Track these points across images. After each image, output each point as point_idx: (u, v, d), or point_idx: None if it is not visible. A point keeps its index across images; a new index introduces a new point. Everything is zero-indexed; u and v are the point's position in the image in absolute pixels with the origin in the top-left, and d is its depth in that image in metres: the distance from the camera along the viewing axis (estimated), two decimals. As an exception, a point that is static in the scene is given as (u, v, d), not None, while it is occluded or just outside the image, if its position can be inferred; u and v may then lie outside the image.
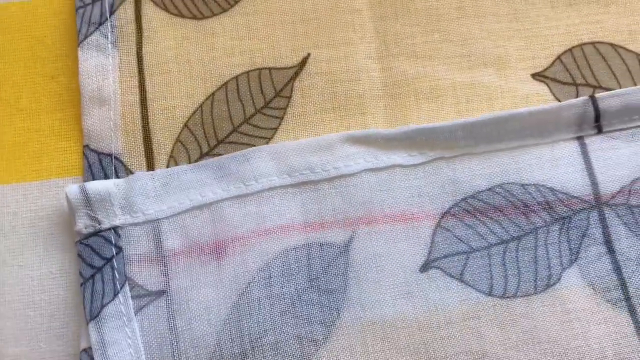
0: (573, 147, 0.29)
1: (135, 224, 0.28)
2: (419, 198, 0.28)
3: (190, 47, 0.30)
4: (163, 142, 0.29)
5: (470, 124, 0.29)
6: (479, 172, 0.29)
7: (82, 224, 0.27)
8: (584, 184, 0.29)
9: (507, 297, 0.27)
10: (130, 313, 0.27)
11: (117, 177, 0.29)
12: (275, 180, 0.28)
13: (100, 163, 0.29)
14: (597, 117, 0.29)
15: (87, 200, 0.27)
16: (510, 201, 0.28)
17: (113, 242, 0.27)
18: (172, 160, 0.29)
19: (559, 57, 0.31)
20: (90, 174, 0.29)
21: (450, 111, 0.30)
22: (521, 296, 0.27)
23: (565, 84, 0.30)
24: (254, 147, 0.29)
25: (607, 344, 0.27)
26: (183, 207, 0.28)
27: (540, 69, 0.31)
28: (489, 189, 0.28)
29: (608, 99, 0.29)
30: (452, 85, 0.30)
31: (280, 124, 0.30)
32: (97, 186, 0.27)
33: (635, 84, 0.30)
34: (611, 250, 0.28)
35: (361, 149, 0.29)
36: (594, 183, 0.29)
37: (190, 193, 0.28)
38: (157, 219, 0.28)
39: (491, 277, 0.27)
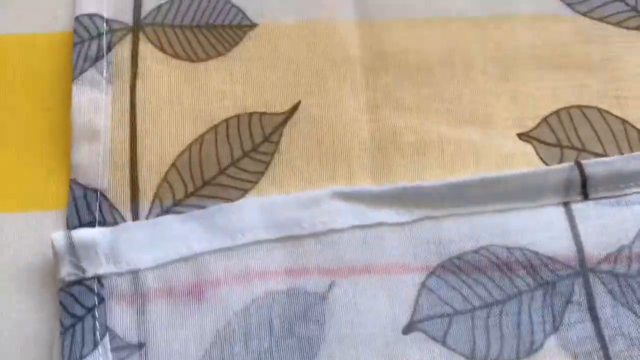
0: (559, 212, 0.29)
1: (119, 274, 0.27)
2: (404, 257, 0.28)
3: (183, 88, 0.31)
4: (149, 180, 0.29)
5: (457, 185, 0.29)
6: (465, 233, 0.28)
7: (66, 272, 0.27)
8: (569, 250, 0.28)
9: None
10: None
11: (101, 212, 0.29)
12: (262, 234, 0.28)
13: (85, 197, 0.29)
14: (584, 184, 0.29)
15: (73, 249, 0.27)
16: (495, 264, 0.28)
17: (96, 291, 0.27)
18: (157, 199, 0.29)
19: (545, 119, 0.31)
20: (75, 208, 0.29)
21: (435, 166, 0.30)
22: None
23: (550, 145, 0.31)
24: (243, 200, 0.29)
25: None
26: (168, 259, 0.28)
27: (526, 129, 0.31)
28: (475, 251, 0.28)
29: (594, 166, 0.29)
30: (438, 141, 0.30)
31: (266, 169, 0.30)
32: (83, 234, 0.27)
33: (619, 149, 0.31)
34: (595, 318, 0.27)
35: (349, 205, 0.29)
36: (580, 249, 0.28)
37: (177, 244, 0.28)
38: (141, 270, 0.27)
39: (474, 342, 0.27)
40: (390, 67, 0.32)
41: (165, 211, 0.29)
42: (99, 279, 0.27)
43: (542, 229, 0.29)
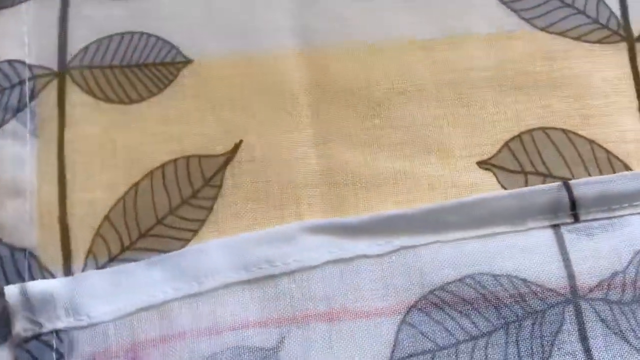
0: (548, 236, 0.27)
1: (79, 328, 0.26)
2: (384, 290, 0.27)
3: (116, 134, 0.29)
4: (82, 236, 0.28)
5: (434, 211, 0.27)
6: (448, 261, 0.27)
7: (21, 327, 0.26)
8: (559, 276, 0.27)
9: None
10: None
11: (30, 273, 0.27)
12: (231, 276, 0.27)
13: (12, 257, 0.27)
14: (573, 205, 0.27)
15: (28, 302, 0.26)
16: (481, 293, 0.26)
17: (54, 347, 0.26)
18: (91, 255, 0.27)
19: (506, 144, 0.29)
20: (1, 268, 0.27)
21: (390, 202, 0.28)
22: None
23: (513, 172, 0.29)
24: (209, 241, 0.27)
25: None
26: (130, 309, 0.26)
27: (487, 157, 0.29)
28: (459, 280, 0.27)
29: (583, 187, 0.27)
30: (392, 175, 0.29)
31: (208, 216, 0.28)
32: (39, 287, 0.26)
33: (587, 171, 0.29)
34: (587, 349, 0.26)
35: (324, 238, 0.27)
36: (571, 275, 0.27)
37: (139, 293, 0.26)
38: (103, 322, 0.26)
39: None
40: (335, 99, 0.30)
41: (101, 268, 0.27)
42: (57, 333, 0.26)
43: (530, 254, 0.27)
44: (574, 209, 0.27)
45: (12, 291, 0.26)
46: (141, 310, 0.26)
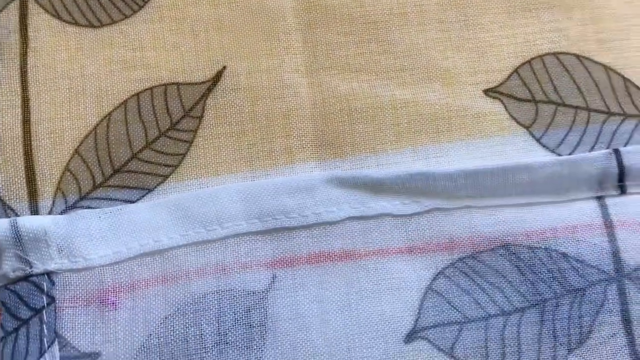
0: (592, 208, 0.26)
1: (73, 270, 0.24)
2: (409, 254, 0.25)
3: (84, 60, 0.26)
4: (49, 172, 0.25)
5: (474, 173, 0.25)
6: (481, 229, 0.25)
7: (10, 267, 0.24)
8: (603, 253, 0.25)
9: None
10: None
11: None
12: (243, 225, 0.25)
13: None
14: (621, 176, 0.25)
15: (19, 239, 0.24)
16: (515, 266, 0.25)
17: (45, 290, 0.24)
18: (60, 193, 0.25)
19: (515, 70, 0.27)
20: None
21: (390, 134, 0.26)
22: None
23: (522, 100, 0.27)
24: (221, 186, 0.25)
25: None
26: (132, 253, 0.24)
27: (494, 84, 0.27)
28: (492, 250, 0.25)
29: (635, 155, 0.25)
30: (391, 103, 0.26)
31: (189, 149, 0.26)
32: (32, 222, 0.24)
33: (603, 100, 0.27)
34: (629, 332, 0.24)
35: (347, 192, 0.25)
36: (615, 251, 0.25)
37: (142, 237, 0.24)
38: (100, 266, 0.24)
39: (487, 355, 0.24)
40: (330, 21, 0.27)
41: (71, 207, 0.25)
42: (49, 275, 0.24)
43: (571, 227, 0.25)
44: (622, 180, 0.26)
45: (2, 225, 0.24)
46: (144, 256, 0.24)
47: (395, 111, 0.26)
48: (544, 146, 0.26)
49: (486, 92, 0.27)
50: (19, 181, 0.25)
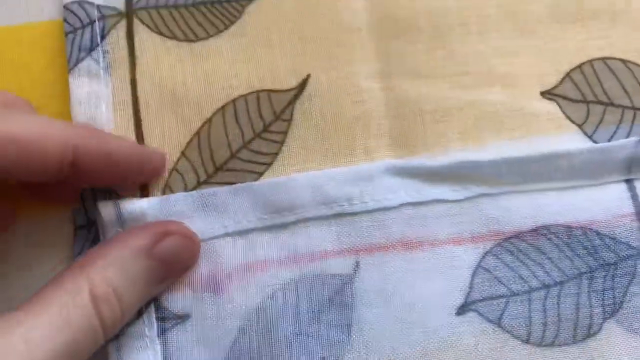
0: (622, 190, 0.28)
1: None
2: (459, 235, 0.27)
3: (185, 71, 0.29)
4: None
5: (517, 160, 0.28)
6: (524, 211, 0.27)
7: None
8: (632, 230, 0.27)
9: (544, 345, 0.26)
10: (154, 335, 0.26)
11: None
12: (311, 211, 0.27)
13: (93, 196, 0.27)
14: None
15: (120, 219, 0.26)
16: (555, 244, 0.27)
17: None
18: (168, 189, 0.28)
19: (568, 74, 0.30)
20: (83, 207, 0.28)
21: (457, 133, 0.29)
22: (559, 345, 0.26)
23: (575, 101, 0.29)
24: (291, 176, 0.28)
25: None
26: (215, 233, 0.27)
27: (550, 87, 0.29)
28: (534, 230, 0.27)
29: None
30: (457, 105, 0.29)
31: (280, 149, 0.28)
32: (132, 205, 0.27)
33: (647, 100, 0.29)
34: None
35: (403, 180, 0.28)
36: None
37: (224, 218, 0.27)
38: None
39: (530, 324, 0.26)
40: (400, 31, 0.30)
41: None
42: None
43: (604, 207, 0.28)
44: None
45: (106, 206, 0.26)
46: (227, 235, 0.27)
47: (460, 112, 0.29)
48: (595, 142, 0.29)
49: (542, 94, 0.29)
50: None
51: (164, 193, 0.28)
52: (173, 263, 0.26)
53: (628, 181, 0.28)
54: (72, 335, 0.22)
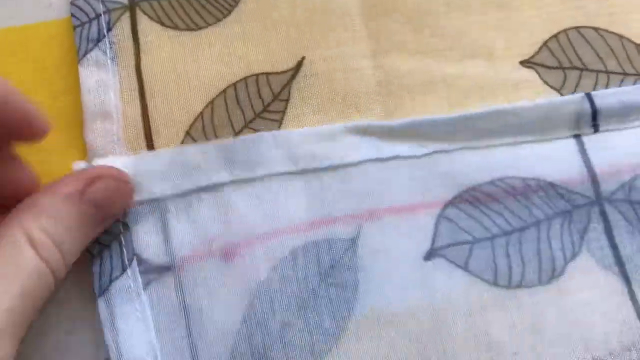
0: (571, 144, 0.30)
1: (142, 202, 0.28)
2: (421, 189, 0.29)
3: (187, 58, 0.31)
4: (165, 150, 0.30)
5: (468, 117, 0.29)
6: (480, 165, 0.29)
7: None
8: (583, 181, 0.29)
9: (512, 287, 0.28)
10: (139, 288, 0.27)
11: None
12: (280, 167, 0.29)
13: None
14: (595, 116, 0.30)
15: None
16: (511, 194, 0.29)
17: (120, 219, 0.28)
18: (176, 167, 0.30)
19: (545, 44, 0.32)
20: None
21: (445, 103, 0.31)
22: (526, 287, 0.28)
23: (552, 68, 0.31)
24: (259, 133, 0.29)
25: (611, 332, 0.27)
26: (187, 187, 0.28)
27: (528, 56, 0.31)
28: (490, 182, 0.29)
29: (604, 97, 0.30)
30: (443, 78, 0.31)
31: (280, 127, 0.30)
32: (105, 163, 0.28)
33: (619, 64, 0.31)
34: (613, 245, 0.28)
35: (364, 139, 0.29)
36: (594, 180, 0.29)
37: (195, 174, 0.29)
38: (163, 198, 0.28)
39: (495, 268, 0.28)
40: (388, 13, 0.32)
41: None
42: None
43: (555, 161, 0.29)
44: (595, 119, 0.30)
45: (79, 166, 0.28)
46: (199, 190, 0.28)
47: (447, 84, 0.31)
48: None
49: (522, 63, 0.31)
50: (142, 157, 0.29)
51: (172, 172, 0.30)
52: (106, 206, 0.26)
53: (576, 136, 0.30)
54: (25, 282, 0.23)
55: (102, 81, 0.30)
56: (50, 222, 0.24)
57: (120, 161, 0.28)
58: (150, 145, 0.30)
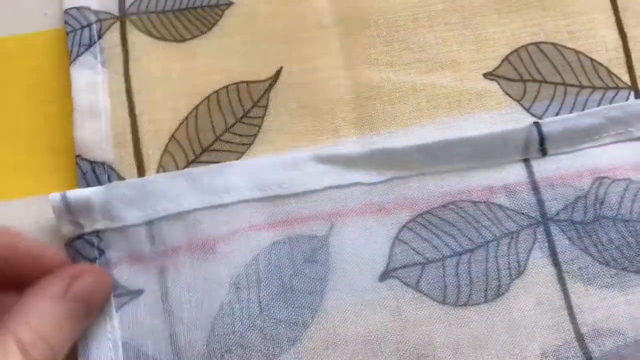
0: (520, 168, 0.31)
1: (115, 229, 0.30)
2: (377, 213, 0.31)
3: (173, 67, 0.33)
4: (152, 153, 0.32)
5: (424, 147, 0.31)
6: (433, 190, 0.31)
7: (66, 229, 0.30)
8: (530, 202, 0.31)
9: (459, 305, 0.29)
10: (112, 311, 0.29)
11: (110, 182, 0.31)
12: (247, 193, 0.30)
13: (93, 171, 0.31)
14: (542, 141, 0.31)
15: (69, 208, 0.29)
16: (462, 217, 0.31)
17: (95, 244, 0.30)
18: (162, 169, 0.32)
19: (506, 58, 0.34)
20: (85, 182, 0.31)
21: (414, 111, 0.33)
22: (472, 305, 0.29)
23: (513, 80, 0.33)
24: (226, 163, 0.31)
25: (549, 348, 0.29)
26: (157, 215, 0.30)
27: (491, 69, 0.33)
28: (443, 206, 0.31)
29: (551, 124, 0.31)
30: (412, 88, 0.33)
31: (259, 131, 0.32)
32: (78, 194, 0.29)
33: (576, 76, 0.33)
34: (556, 263, 0.30)
35: (326, 167, 0.31)
36: (540, 201, 0.31)
37: (165, 202, 0.30)
38: (134, 225, 0.30)
39: (445, 287, 0.30)
40: (360, 27, 0.34)
41: None
42: (97, 233, 0.30)
43: (505, 184, 0.31)
44: (542, 144, 0.31)
45: (55, 198, 0.29)
46: (168, 217, 0.30)
47: (416, 94, 0.33)
48: (532, 114, 0.32)
49: (485, 75, 0.33)
50: (129, 160, 0.31)
51: (157, 172, 0.32)
52: (90, 299, 0.27)
53: (525, 160, 0.31)
54: None
55: (93, 82, 0.32)
56: (38, 321, 0.25)
57: (92, 190, 0.30)
58: (137, 147, 0.32)
